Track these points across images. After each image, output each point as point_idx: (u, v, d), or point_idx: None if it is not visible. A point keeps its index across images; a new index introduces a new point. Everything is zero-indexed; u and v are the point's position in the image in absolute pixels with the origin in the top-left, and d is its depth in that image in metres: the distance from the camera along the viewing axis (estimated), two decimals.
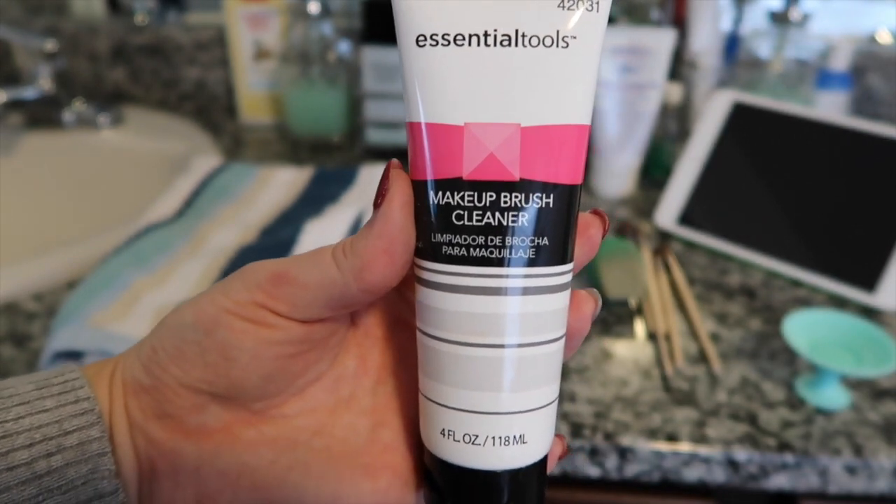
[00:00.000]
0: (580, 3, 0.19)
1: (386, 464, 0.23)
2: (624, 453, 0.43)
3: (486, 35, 0.19)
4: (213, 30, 0.90)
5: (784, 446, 0.43)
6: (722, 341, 0.52)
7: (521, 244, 0.20)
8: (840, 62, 0.75)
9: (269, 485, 0.22)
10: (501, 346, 0.20)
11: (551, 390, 0.22)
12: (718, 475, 0.43)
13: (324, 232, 0.57)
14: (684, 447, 0.43)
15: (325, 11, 0.79)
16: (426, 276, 0.21)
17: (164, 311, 0.48)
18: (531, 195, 0.20)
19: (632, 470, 0.44)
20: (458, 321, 0.20)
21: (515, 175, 0.20)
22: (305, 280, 0.21)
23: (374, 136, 0.81)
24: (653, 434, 0.43)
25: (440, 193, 0.20)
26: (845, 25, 0.92)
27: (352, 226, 0.59)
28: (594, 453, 0.43)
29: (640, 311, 0.55)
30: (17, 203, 0.77)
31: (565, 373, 0.48)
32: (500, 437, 0.21)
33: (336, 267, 0.21)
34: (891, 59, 0.88)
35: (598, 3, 0.20)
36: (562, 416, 0.44)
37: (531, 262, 0.20)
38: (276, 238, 0.57)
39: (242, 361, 0.22)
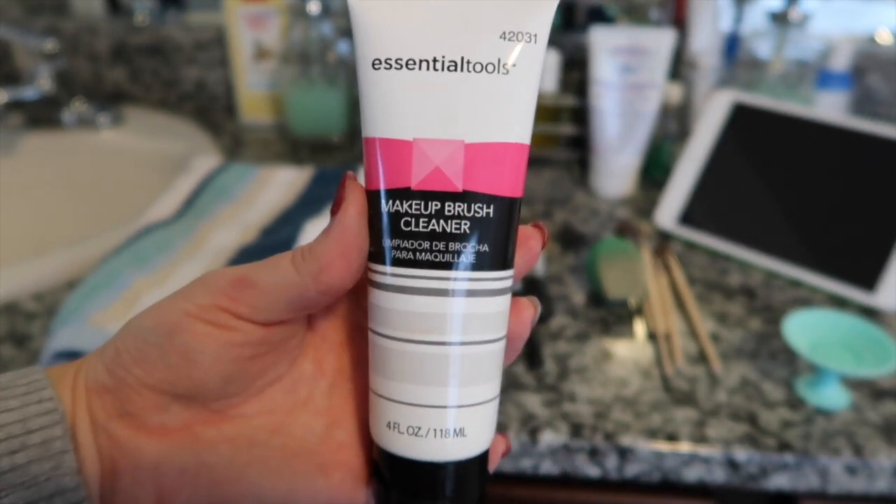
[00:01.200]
0: (520, 35, 0.22)
1: (339, 461, 0.25)
2: (624, 453, 0.43)
3: (434, 61, 0.21)
4: (213, 30, 0.90)
5: (784, 446, 0.43)
6: (722, 341, 0.52)
7: (463, 250, 0.22)
8: (840, 62, 0.75)
9: (227, 481, 0.23)
10: (444, 343, 0.22)
11: (491, 388, 0.23)
12: (718, 475, 0.43)
13: None
14: (684, 447, 0.43)
15: (325, 11, 0.79)
16: (377, 278, 0.23)
17: None
18: (473, 205, 0.22)
19: (632, 470, 0.44)
20: (405, 320, 0.22)
21: (459, 186, 0.22)
22: (265, 283, 0.22)
23: None
24: (653, 434, 0.43)
25: (391, 202, 0.22)
26: (845, 25, 0.92)
27: None
28: (594, 453, 0.43)
29: (640, 311, 0.55)
30: (17, 203, 0.77)
31: (565, 373, 0.48)
32: (441, 430, 0.22)
33: (295, 270, 0.22)
34: (891, 59, 0.88)
35: (535, 35, 0.22)
36: (562, 416, 0.44)
37: (473, 267, 0.22)
38: (276, 238, 0.57)
39: (204, 364, 0.23)
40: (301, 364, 0.26)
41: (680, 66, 0.81)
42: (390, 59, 0.22)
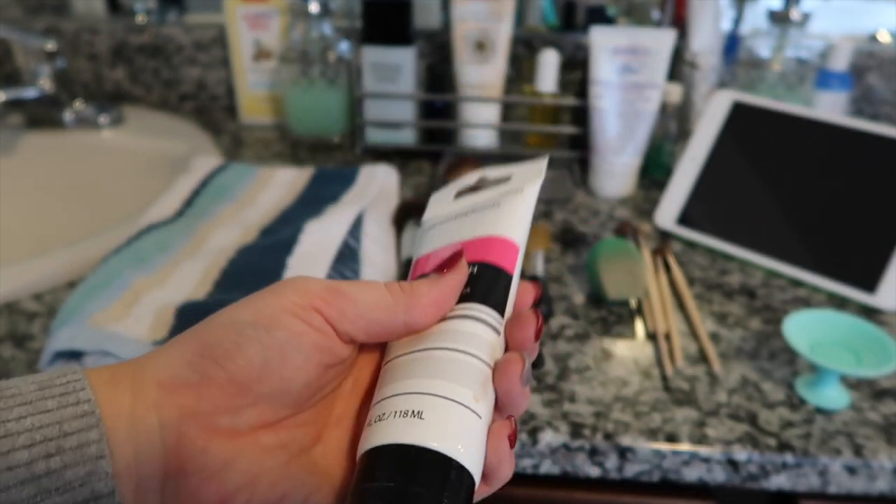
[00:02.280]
0: (512, 190, 0.31)
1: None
2: (624, 453, 0.43)
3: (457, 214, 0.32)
4: (213, 30, 0.90)
5: (784, 446, 0.43)
6: (722, 341, 0.52)
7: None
8: (840, 62, 0.75)
9: (282, 483, 0.24)
10: (427, 349, 0.26)
11: (458, 391, 0.25)
12: (718, 475, 0.43)
13: (323, 232, 0.57)
14: (684, 447, 0.43)
15: (325, 11, 0.79)
16: None
17: (164, 311, 0.48)
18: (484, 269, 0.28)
19: (632, 470, 0.44)
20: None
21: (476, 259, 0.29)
22: (358, 297, 0.25)
23: (374, 136, 0.81)
24: (653, 434, 0.43)
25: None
26: (845, 25, 0.92)
27: (351, 226, 0.59)
28: (594, 453, 0.43)
29: (640, 311, 0.55)
30: (18, 203, 0.77)
31: (565, 373, 0.48)
32: (400, 411, 0.24)
33: (390, 295, 0.26)
34: (891, 59, 0.88)
35: (522, 188, 0.30)
36: (562, 415, 0.44)
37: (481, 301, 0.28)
38: (276, 238, 0.57)
39: (296, 363, 0.24)
40: (345, 381, 0.28)
41: (680, 66, 0.81)
42: (432, 220, 0.32)
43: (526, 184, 0.30)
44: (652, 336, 0.53)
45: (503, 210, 0.30)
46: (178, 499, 0.23)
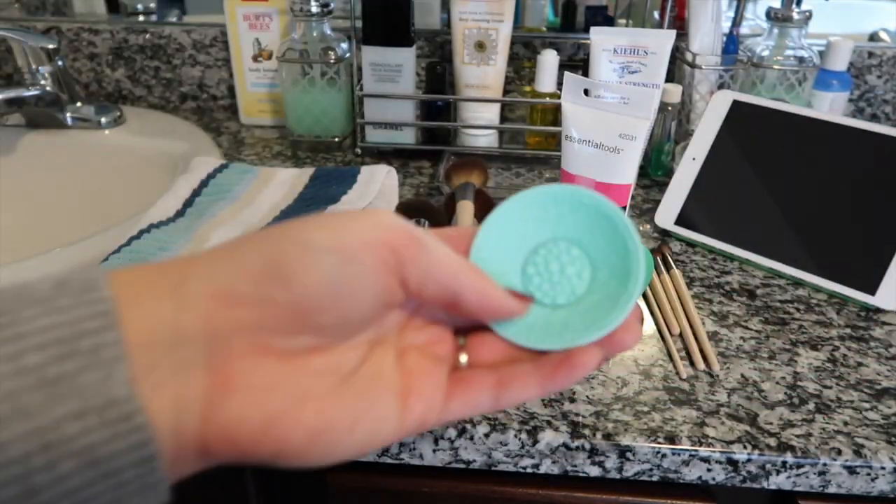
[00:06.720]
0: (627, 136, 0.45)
1: (415, 387, 0.26)
2: (624, 453, 0.43)
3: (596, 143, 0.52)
4: (213, 30, 0.90)
5: (784, 446, 0.43)
6: (722, 341, 0.52)
7: None
8: (840, 62, 0.75)
9: (330, 409, 0.24)
10: None
11: None
12: (718, 475, 0.43)
13: None
14: (684, 447, 0.43)
15: (326, 11, 0.79)
16: None
17: None
18: None
19: (632, 470, 0.44)
20: None
21: None
22: (434, 249, 0.25)
23: (374, 136, 0.81)
24: (653, 434, 0.43)
25: None
26: (845, 25, 0.92)
27: None
28: (594, 453, 0.43)
29: (641, 311, 0.55)
30: (18, 203, 0.78)
31: None
32: None
33: (461, 257, 0.27)
34: (891, 59, 0.88)
35: (635, 136, 0.44)
36: (562, 415, 0.44)
37: None
38: None
39: (361, 300, 0.24)
40: (389, 316, 0.27)
41: (680, 66, 0.81)
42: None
43: None
44: (652, 336, 0.53)
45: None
46: (222, 415, 0.22)
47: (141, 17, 0.93)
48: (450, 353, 0.29)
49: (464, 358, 0.29)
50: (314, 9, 0.78)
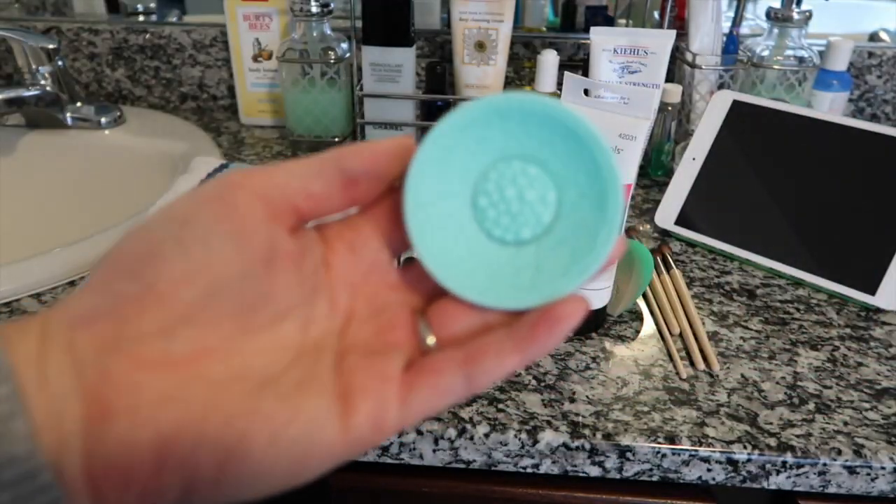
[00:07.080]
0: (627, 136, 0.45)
1: (365, 387, 0.23)
2: (624, 453, 0.43)
3: None
4: (214, 30, 0.90)
5: (784, 446, 0.43)
6: (722, 341, 0.52)
7: None
8: (840, 62, 0.75)
9: (240, 419, 0.21)
10: None
11: None
12: (718, 475, 0.43)
13: None
14: (684, 447, 0.43)
15: (326, 11, 0.79)
16: None
17: None
18: None
19: (632, 470, 0.44)
20: None
21: None
22: (286, 165, 0.23)
23: (375, 136, 0.81)
24: (653, 434, 0.43)
25: None
26: (845, 25, 0.92)
27: None
28: (594, 453, 0.43)
29: (641, 311, 0.55)
30: (18, 203, 0.77)
31: (565, 373, 0.48)
32: None
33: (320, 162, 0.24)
34: (891, 59, 0.88)
35: (634, 136, 0.43)
36: (562, 415, 0.44)
37: None
38: None
39: (225, 252, 0.21)
40: (316, 302, 0.24)
41: (680, 66, 0.81)
42: None
43: None
44: (652, 336, 0.53)
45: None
46: (106, 448, 0.20)
47: (141, 17, 0.93)
48: (406, 340, 0.25)
49: (431, 339, 0.24)
50: (314, 9, 0.78)
